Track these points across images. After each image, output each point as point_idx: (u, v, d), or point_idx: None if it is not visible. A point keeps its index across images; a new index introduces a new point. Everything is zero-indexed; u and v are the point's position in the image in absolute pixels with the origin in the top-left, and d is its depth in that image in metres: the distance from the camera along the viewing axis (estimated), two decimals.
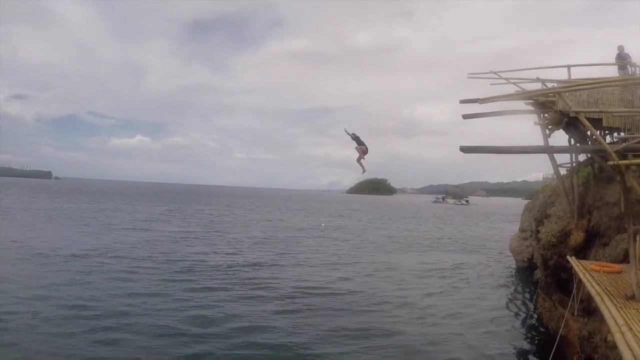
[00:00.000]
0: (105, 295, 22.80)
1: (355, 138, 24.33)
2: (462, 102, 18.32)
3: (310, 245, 47.06)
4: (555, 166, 18.17)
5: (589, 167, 17.42)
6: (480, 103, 16.75)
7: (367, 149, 23.33)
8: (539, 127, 17.55)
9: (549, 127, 17.26)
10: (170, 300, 22.59)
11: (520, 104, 18.28)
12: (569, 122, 15.68)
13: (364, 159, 23.36)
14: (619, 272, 11.94)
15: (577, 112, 14.44)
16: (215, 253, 38.02)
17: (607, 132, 16.74)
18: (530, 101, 17.84)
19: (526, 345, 18.29)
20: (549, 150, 16.41)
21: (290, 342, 17.83)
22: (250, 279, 28.28)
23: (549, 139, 17.66)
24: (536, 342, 18.62)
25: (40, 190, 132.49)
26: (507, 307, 24.35)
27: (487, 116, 19.54)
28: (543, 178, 33.48)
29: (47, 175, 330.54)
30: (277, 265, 33.78)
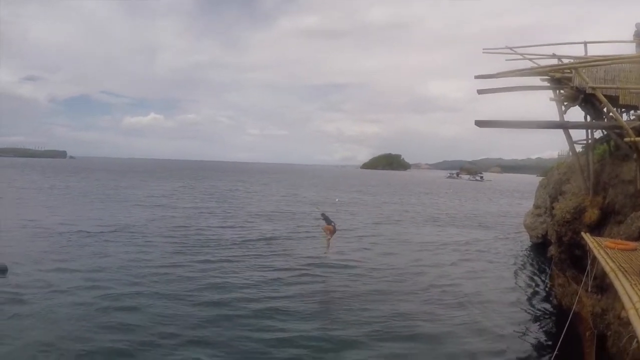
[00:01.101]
0: (122, 268, 23.48)
1: (325, 218, 24.88)
2: (477, 77, 18.09)
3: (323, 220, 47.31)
4: (571, 142, 18.01)
5: (605, 144, 17.24)
6: (496, 77, 16.68)
7: (334, 228, 24.11)
8: (554, 105, 17.36)
9: (565, 103, 17.06)
10: (186, 271, 23.29)
11: (536, 80, 18.09)
12: (585, 99, 15.49)
13: (329, 237, 24.00)
14: (634, 249, 11.92)
15: (594, 88, 14.30)
16: (231, 227, 38.55)
17: (623, 109, 16.51)
18: (546, 77, 17.62)
19: (539, 321, 18.44)
20: (565, 126, 16.28)
21: (304, 309, 18.53)
22: (265, 252, 28.74)
23: (564, 116, 17.47)
24: (549, 317, 18.76)
25: (55, 170, 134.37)
26: (521, 283, 24.47)
27: (502, 91, 19.37)
28: (558, 155, 33.14)
29: (61, 154, 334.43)
30: (292, 239, 34.27)
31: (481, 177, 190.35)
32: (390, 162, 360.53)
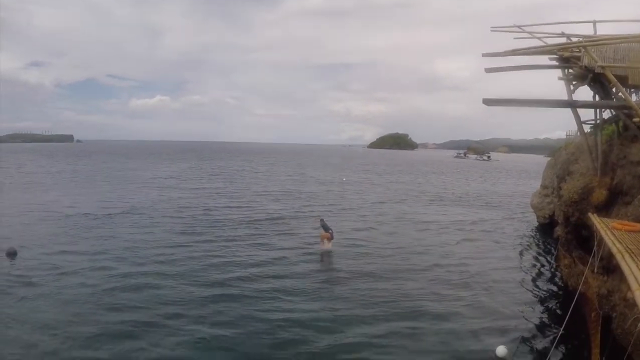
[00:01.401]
0: (128, 249, 23.79)
1: (323, 225, 24.97)
2: (485, 55, 17.90)
3: (331, 198, 47.59)
4: (579, 122, 17.79)
5: (613, 124, 17.02)
6: (503, 56, 16.43)
7: (332, 235, 24.19)
8: (562, 85, 17.12)
9: (573, 82, 16.81)
10: (192, 252, 23.59)
11: (544, 59, 17.83)
12: (594, 78, 15.26)
13: (326, 245, 24.08)
14: None
15: (603, 67, 14.07)
16: (237, 207, 38.77)
17: (632, 90, 16.24)
18: (555, 56, 17.35)
19: (545, 301, 18.46)
20: (573, 105, 16.08)
21: (309, 288, 18.83)
22: (271, 231, 28.88)
23: (572, 95, 17.23)
24: (555, 298, 18.78)
25: (63, 154, 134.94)
26: (527, 263, 24.45)
27: (510, 70, 19.12)
28: (566, 136, 32.79)
29: (68, 138, 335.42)
30: (298, 218, 34.38)
31: (488, 157, 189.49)
32: (397, 141, 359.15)
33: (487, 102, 13.52)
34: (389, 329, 14.90)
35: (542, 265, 23.85)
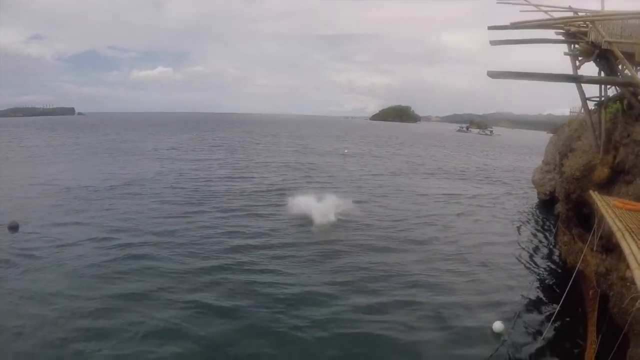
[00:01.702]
0: (129, 220, 24.09)
1: None
2: (491, 28, 17.58)
3: (332, 170, 47.59)
4: (583, 98, 17.54)
5: (618, 102, 16.77)
6: (509, 29, 16.09)
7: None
8: (568, 61, 16.82)
9: (579, 58, 16.51)
10: (194, 222, 23.91)
11: (550, 33, 17.50)
12: (600, 55, 14.97)
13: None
14: None
15: (610, 43, 13.81)
16: (240, 178, 38.85)
17: (639, 68, 15.95)
18: (561, 31, 17.02)
19: (543, 277, 18.63)
20: (578, 80, 15.81)
21: (309, 257, 19.34)
22: (273, 202, 29.03)
23: (578, 71, 16.95)
24: (553, 274, 18.93)
25: (64, 127, 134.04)
26: (526, 239, 24.58)
27: (515, 43, 18.80)
28: (570, 113, 32.44)
29: (70, 111, 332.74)
30: (302, 188, 34.33)
31: (491, 132, 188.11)
32: (399, 114, 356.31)
33: (492, 74, 13.31)
34: (387, 301, 15.13)
35: (541, 242, 23.95)
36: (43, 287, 15.16)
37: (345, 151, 71.59)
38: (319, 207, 25.15)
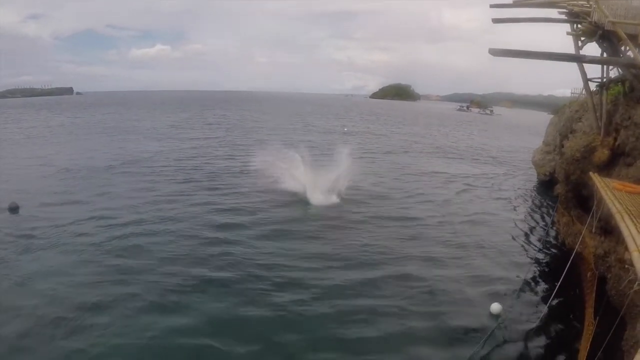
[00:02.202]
0: (128, 199, 24.21)
1: None
2: (493, 6, 17.41)
3: (331, 148, 47.43)
4: (585, 79, 17.42)
5: (620, 84, 16.65)
6: (512, 7, 15.88)
7: None
8: (570, 42, 16.66)
9: (582, 39, 16.34)
10: (192, 202, 23.91)
11: (553, 13, 17.31)
12: (603, 35, 14.80)
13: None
14: None
15: (613, 23, 13.64)
16: (239, 157, 38.75)
17: None
18: (564, 10, 16.82)
19: (541, 258, 18.73)
20: (580, 59, 15.70)
21: (308, 233, 19.63)
22: (270, 179, 28.82)
23: (580, 52, 16.80)
24: (551, 255, 19.03)
25: (62, 107, 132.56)
26: (525, 219, 24.68)
27: (517, 22, 18.60)
28: (571, 94, 32.22)
29: (68, 91, 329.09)
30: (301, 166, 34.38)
31: (491, 111, 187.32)
32: (399, 92, 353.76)
33: (493, 52, 13.20)
34: (380, 281, 15.29)
35: (540, 223, 24.05)
36: (44, 267, 15.27)
37: (345, 129, 71.37)
38: (314, 182, 25.13)
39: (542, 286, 15.64)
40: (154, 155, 38.86)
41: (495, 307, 13.25)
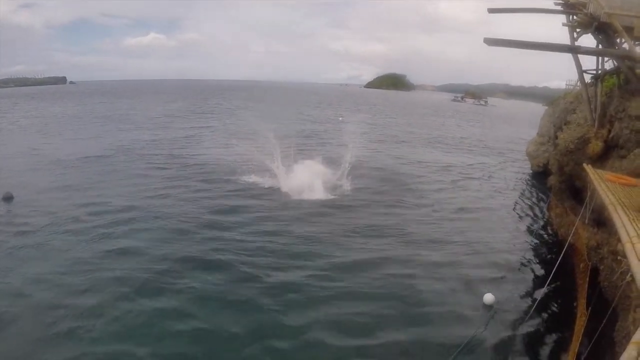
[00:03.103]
0: (122, 187, 24.30)
1: None
2: None
3: (328, 137, 47.47)
4: (580, 71, 17.47)
5: (614, 76, 16.70)
6: None
7: None
8: (566, 34, 16.70)
9: (577, 30, 16.36)
10: (185, 192, 23.89)
11: (549, 4, 17.33)
12: (599, 27, 14.81)
13: None
14: (635, 185, 11.89)
15: (609, 15, 13.65)
16: (234, 145, 38.62)
17: (637, 43, 15.82)
18: (560, 1, 16.83)
19: (534, 249, 18.77)
20: (575, 50, 15.73)
21: (307, 217, 20.16)
22: (264, 169, 28.83)
23: (575, 43, 16.82)
24: (544, 246, 19.09)
25: (55, 96, 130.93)
26: (519, 210, 24.77)
27: (513, 12, 18.60)
28: (566, 85, 32.29)
29: (61, 80, 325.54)
30: (296, 155, 34.35)
31: (485, 102, 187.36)
32: (394, 82, 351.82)
33: (488, 42, 13.22)
34: (379, 270, 15.37)
35: (533, 214, 24.13)
36: (38, 257, 15.29)
37: (340, 119, 71.27)
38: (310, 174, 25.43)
39: (534, 277, 15.71)
40: (148, 144, 38.69)
41: (488, 297, 13.30)
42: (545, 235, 20.39)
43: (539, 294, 13.72)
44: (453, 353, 10.72)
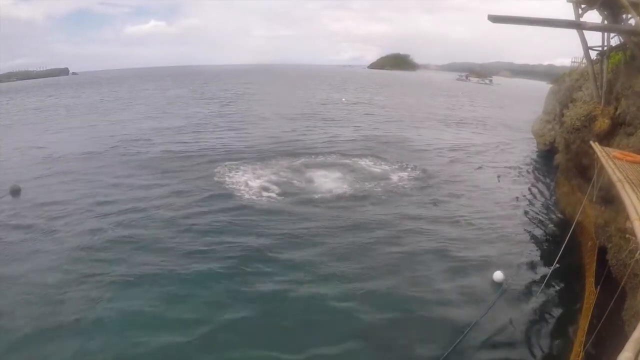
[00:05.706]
0: (128, 178, 24.47)
1: None
2: None
3: (330, 119, 47.45)
4: (586, 47, 17.25)
5: (621, 53, 16.48)
6: None
7: None
8: (570, 12, 16.44)
9: (582, 6, 16.13)
10: (188, 180, 23.89)
11: None
12: (604, 3, 14.60)
13: None
14: None
15: None
16: (241, 129, 38.70)
17: None
18: None
19: (542, 228, 18.79)
20: (580, 27, 15.52)
21: (307, 204, 20.14)
22: (266, 154, 29.06)
23: (580, 19, 16.60)
24: (552, 225, 19.09)
25: (57, 88, 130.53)
26: (525, 189, 24.70)
27: None
28: (571, 63, 31.88)
29: (64, 72, 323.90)
30: (299, 140, 34.68)
31: (490, 81, 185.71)
32: (398, 62, 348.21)
33: (493, 19, 13.06)
34: (383, 249, 15.57)
35: (540, 192, 24.08)
36: (46, 248, 15.56)
37: (343, 100, 70.96)
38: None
39: (543, 255, 15.77)
40: (151, 132, 38.70)
41: (498, 275, 13.43)
42: (553, 214, 20.36)
43: (548, 271, 13.78)
44: (465, 330, 10.86)
